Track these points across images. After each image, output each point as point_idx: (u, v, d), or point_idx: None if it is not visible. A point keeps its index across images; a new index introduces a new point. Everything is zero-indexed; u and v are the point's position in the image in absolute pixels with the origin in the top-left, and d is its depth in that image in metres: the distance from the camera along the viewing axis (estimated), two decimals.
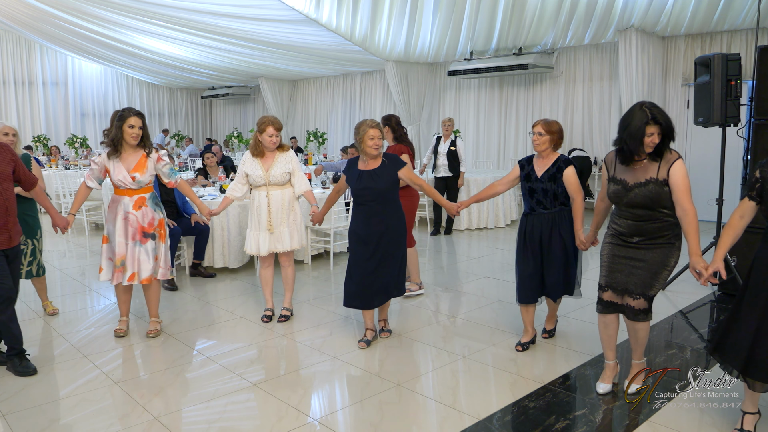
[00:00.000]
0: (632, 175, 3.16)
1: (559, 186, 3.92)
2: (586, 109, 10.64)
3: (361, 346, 4.24)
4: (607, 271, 3.33)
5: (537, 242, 3.99)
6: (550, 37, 10.05)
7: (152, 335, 4.42)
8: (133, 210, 4.22)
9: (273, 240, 4.63)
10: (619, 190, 3.20)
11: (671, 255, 3.20)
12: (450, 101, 12.82)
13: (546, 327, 4.37)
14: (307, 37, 10.73)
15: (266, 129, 4.52)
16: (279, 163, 4.59)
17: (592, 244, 3.83)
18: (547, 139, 3.91)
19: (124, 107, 4.28)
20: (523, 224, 4.08)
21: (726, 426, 3.06)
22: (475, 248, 7.62)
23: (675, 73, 9.53)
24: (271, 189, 4.60)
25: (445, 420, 3.17)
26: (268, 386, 3.60)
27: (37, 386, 3.61)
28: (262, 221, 4.62)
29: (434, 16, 9.79)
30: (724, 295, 5.30)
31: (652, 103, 3.12)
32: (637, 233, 3.21)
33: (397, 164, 4.18)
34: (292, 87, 16.70)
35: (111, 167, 4.18)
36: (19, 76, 15.92)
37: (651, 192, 3.10)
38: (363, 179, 4.13)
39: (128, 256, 4.25)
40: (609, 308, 3.37)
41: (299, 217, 4.73)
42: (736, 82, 5.23)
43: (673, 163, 3.10)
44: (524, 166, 4.06)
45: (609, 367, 3.52)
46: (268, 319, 4.78)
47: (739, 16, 8.27)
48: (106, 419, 3.21)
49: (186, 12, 9.97)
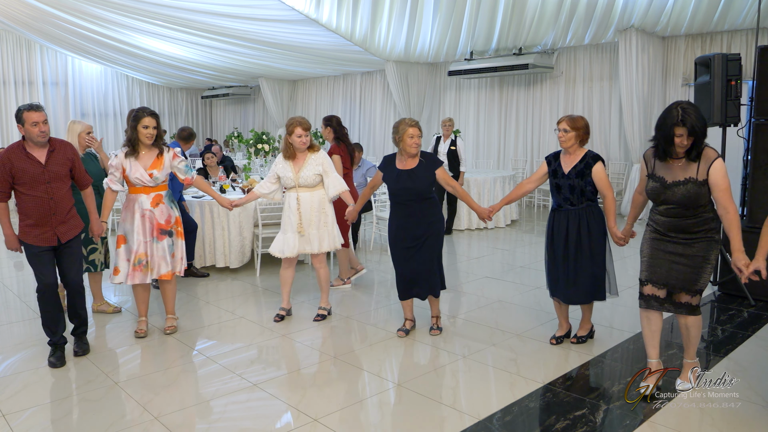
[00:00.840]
0: (671, 173, 3.21)
1: (587, 182, 3.90)
2: (587, 109, 10.63)
3: (400, 335, 4.40)
4: (648, 266, 3.36)
5: (563, 239, 3.98)
6: (550, 37, 10.04)
7: (169, 332, 4.45)
8: (151, 207, 4.24)
9: (302, 242, 4.61)
10: (657, 188, 3.25)
11: (711, 248, 3.24)
12: (450, 101, 12.81)
13: (577, 333, 4.24)
14: (307, 37, 10.73)
15: (294, 130, 4.51)
16: (309, 165, 4.57)
17: (630, 237, 3.82)
18: (572, 136, 3.89)
19: (139, 107, 4.31)
20: (550, 220, 4.10)
21: (726, 426, 3.06)
22: (475, 248, 7.62)
23: (675, 73, 9.52)
24: (300, 191, 4.59)
25: (445, 420, 3.17)
26: (268, 386, 3.60)
27: (38, 386, 3.61)
28: (292, 223, 4.61)
29: (434, 16, 9.79)
30: (725, 295, 5.30)
31: (690, 103, 3.14)
32: (674, 229, 3.26)
33: (435, 164, 4.24)
34: (292, 87, 16.70)
35: (127, 166, 4.22)
36: (19, 76, 15.91)
37: (689, 191, 3.15)
38: (401, 179, 4.19)
39: (150, 253, 4.26)
40: (651, 303, 3.37)
41: (331, 219, 4.69)
42: (737, 82, 5.22)
43: (712, 163, 3.12)
44: (551, 162, 4.05)
45: (652, 366, 3.45)
46: (280, 319, 4.77)
47: (739, 16, 8.26)
48: (107, 419, 3.21)
49: (186, 12, 9.97)
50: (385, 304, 5.25)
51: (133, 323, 4.77)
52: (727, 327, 4.55)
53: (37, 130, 3.66)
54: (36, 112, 3.66)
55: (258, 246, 6.27)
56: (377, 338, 4.40)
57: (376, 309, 5.11)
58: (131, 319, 4.90)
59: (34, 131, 3.67)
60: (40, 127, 3.67)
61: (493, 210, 4.30)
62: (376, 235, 7.94)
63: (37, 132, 3.67)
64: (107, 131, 17.58)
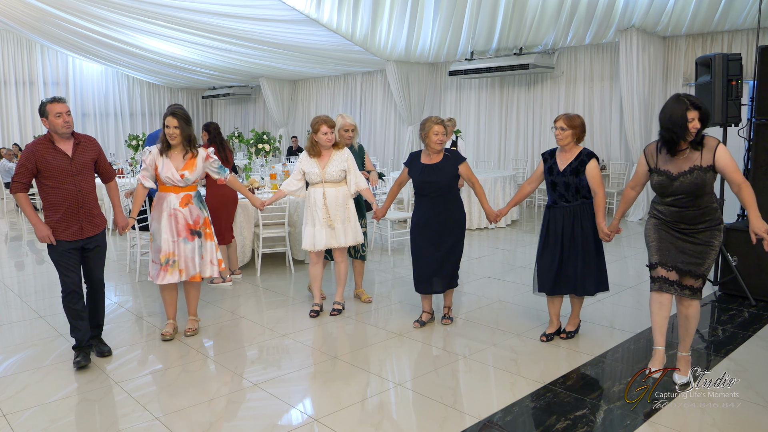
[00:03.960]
0: (675, 165, 3.33)
1: (582, 180, 4.00)
2: (587, 109, 10.63)
3: (415, 326, 4.58)
4: (657, 249, 3.47)
5: (559, 235, 4.08)
6: (550, 37, 10.04)
7: (190, 333, 4.43)
8: (179, 207, 4.23)
9: (330, 235, 4.74)
10: (663, 181, 3.37)
11: (714, 236, 3.37)
12: (451, 101, 12.81)
13: (566, 328, 4.32)
14: (308, 37, 10.73)
15: (320, 128, 4.66)
16: (335, 161, 4.72)
17: (616, 232, 3.93)
18: (569, 134, 3.99)
19: (172, 104, 4.30)
20: (546, 216, 4.20)
21: (727, 426, 3.06)
22: (475, 248, 7.61)
23: (676, 73, 9.52)
24: (327, 186, 4.72)
25: (445, 420, 3.16)
26: (268, 386, 3.60)
27: (38, 386, 3.61)
28: (319, 217, 4.72)
29: (435, 16, 9.79)
30: (725, 296, 5.30)
31: (686, 93, 3.33)
32: (680, 220, 3.39)
33: (458, 159, 4.42)
34: (292, 87, 16.70)
35: (160, 164, 4.21)
36: (20, 76, 15.93)
37: (696, 179, 3.27)
38: (426, 173, 4.38)
39: (178, 253, 4.24)
40: (663, 285, 3.47)
41: (353, 214, 4.83)
42: (737, 82, 5.22)
43: (716, 149, 3.27)
44: (547, 160, 4.16)
45: (659, 354, 3.58)
46: (316, 314, 4.89)
47: (740, 16, 8.26)
48: (107, 419, 3.21)
49: (187, 12, 9.97)
50: (386, 304, 5.25)
51: (134, 323, 4.77)
52: (728, 327, 4.54)
53: (61, 120, 3.69)
54: (59, 103, 3.71)
55: (259, 246, 6.27)
56: (378, 338, 4.40)
57: (376, 309, 5.11)
58: (132, 319, 4.90)
59: (58, 122, 3.69)
60: (63, 117, 3.70)
61: (501, 214, 4.44)
62: (377, 235, 7.94)
63: (61, 123, 3.69)
64: (108, 131, 17.61)
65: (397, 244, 7.67)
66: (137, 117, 18.08)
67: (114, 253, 7.38)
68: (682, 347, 3.62)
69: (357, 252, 5.18)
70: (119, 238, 8.27)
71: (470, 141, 12.28)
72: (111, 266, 6.72)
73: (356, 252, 5.19)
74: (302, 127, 16.31)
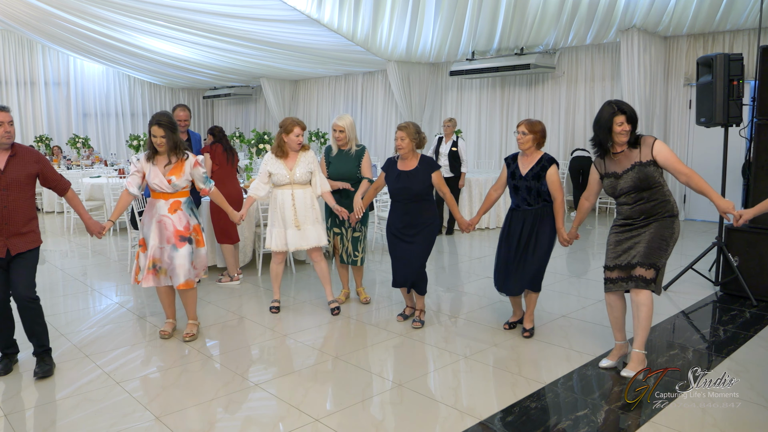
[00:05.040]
0: (619, 165, 3.58)
1: (543, 184, 4.14)
2: (588, 109, 10.63)
3: (398, 319, 4.75)
4: (613, 253, 3.67)
5: (516, 236, 4.22)
6: (552, 37, 10.04)
7: (188, 339, 4.35)
8: (168, 213, 4.20)
9: (299, 237, 4.77)
10: (612, 182, 3.61)
11: (666, 227, 3.54)
12: (452, 101, 12.81)
13: (525, 326, 4.41)
14: (309, 37, 10.73)
15: (293, 129, 4.68)
16: (302, 163, 4.74)
17: (575, 238, 4.15)
18: (530, 138, 4.15)
19: (156, 113, 4.21)
20: (508, 218, 4.33)
21: (729, 427, 3.05)
22: (476, 248, 7.61)
23: (677, 73, 9.52)
24: (295, 188, 4.75)
25: (446, 420, 3.16)
26: (269, 386, 3.60)
27: (39, 386, 3.61)
28: (286, 219, 4.74)
29: (436, 16, 9.78)
30: (726, 296, 5.30)
31: (617, 99, 3.58)
32: (636, 214, 3.58)
33: (431, 167, 4.45)
34: (293, 87, 16.71)
35: (147, 171, 4.19)
36: (21, 76, 15.94)
37: (638, 173, 3.50)
38: (401, 179, 4.44)
39: (163, 259, 4.21)
40: (611, 286, 3.70)
41: (320, 215, 4.88)
42: (739, 82, 5.22)
43: (653, 145, 3.52)
44: (510, 164, 4.29)
45: (617, 347, 3.81)
46: (276, 311, 4.94)
47: (741, 16, 8.25)
48: (108, 419, 3.21)
49: (188, 12, 9.97)
50: (387, 304, 5.25)
51: (134, 323, 4.77)
52: (729, 327, 4.54)
53: (2, 130, 3.46)
54: (2, 111, 3.46)
55: (260, 246, 6.27)
56: (378, 338, 4.40)
57: (377, 309, 5.11)
58: (133, 318, 4.90)
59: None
60: (5, 127, 3.48)
61: (473, 223, 4.50)
62: (378, 234, 7.94)
63: (1, 132, 3.46)
64: (109, 131, 17.62)
65: None
66: (138, 117, 18.09)
67: (114, 253, 7.39)
68: (635, 342, 3.66)
69: (349, 257, 5.06)
70: (120, 238, 8.27)
71: (471, 141, 12.27)
72: (111, 266, 6.73)
73: (349, 257, 5.06)
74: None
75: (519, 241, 4.20)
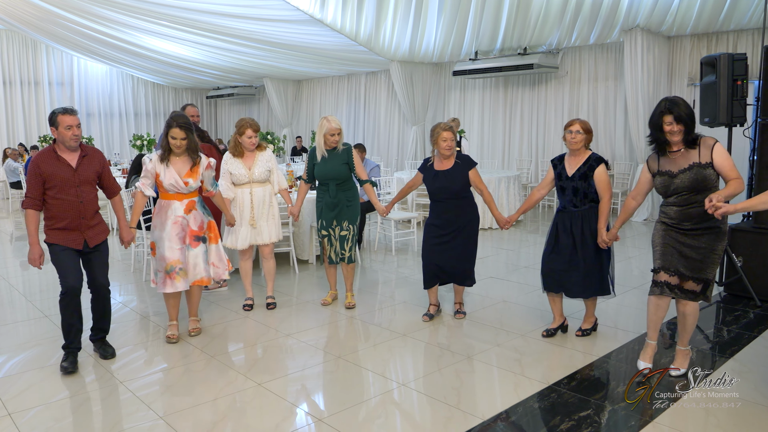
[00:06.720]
0: (675, 164, 3.45)
1: (590, 185, 4.04)
2: (592, 109, 10.62)
3: (424, 319, 4.73)
4: (661, 254, 3.55)
5: (569, 239, 4.12)
6: (555, 37, 10.03)
7: (194, 333, 4.44)
8: (184, 214, 4.22)
9: (254, 234, 4.89)
10: (665, 180, 3.48)
11: (717, 240, 3.44)
12: (455, 101, 12.81)
13: (582, 326, 4.38)
14: (312, 37, 10.74)
15: (245, 131, 4.79)
16: (261, 162, 4.87)
17: (615, 240, 4.02)
18: (583, 138, 4.07)
19: (174, 114, 4.21)
20: (555, 220, 4.25)
21: (732, 427, 3.05)
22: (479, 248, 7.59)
23: (681, 73, 9.50)
24: (254, 186, 4.87)
25: (449, 420, 3.16)
26: (272, 386, 3.61)
27: (42, 385, 3.62)
28: (244, 216, 4.87)
29: (439, 16, 9.78)
30: (730, 296, 5.28)
31: (675, 97, 3.45)
32: (685, 218, 3.45)
33: (469, 165, 4.54)
34: (296, 87, 16.72)
35: (161, 171, 4.19)
36: (25, 76, 15.99)
37: (696, 174, 3.37)
38: (439, 179, 4.52)
39: (184, 260, 4.22)
40: (663, 289, 3.54)
41: (277, 212, 4.99)
42: (743, 82, 5.20)
43: (713, 147, 3.38)
44: (556, 165, 4.22)
45: (651, 347, 3.74)
46: (249, 308, 5.05)
47: (745, 15, 8.23)
48: (111, 418, 3.22)
49: (191, 12, 9.99)
50: (390, 304, 5.25)
51: (138, 323, 4.78)
52: (733, 328, 4.53)
53: (70, 133, 3.69)
54: (71, 115, 3.70)
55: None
56: (381, 338, 4.40)
57: (380, 309, 5.11)
58: (135, 318, 4.91)
59: (68, 134, 3.69)
60: (73, 130, 3.70)
61: (511, 220, 4.57)
62: (381, 235, 7.94)
63: (70, 135, 3.69)
64: (112, 131, 17.66)
65: (401, 244, 7.67)
66: (142, 117, 18.14)
67: (118, 252, 7.40)
68: (680, 341, 3.69)
69: (338, 255, 4.99)
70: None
71: (474, 141, 12.27)
72: (116, 266, 6.74)
73: (337, 255, 4.99)
74: (306, 128, 16.33)
75: (574, 245, 4.09)
